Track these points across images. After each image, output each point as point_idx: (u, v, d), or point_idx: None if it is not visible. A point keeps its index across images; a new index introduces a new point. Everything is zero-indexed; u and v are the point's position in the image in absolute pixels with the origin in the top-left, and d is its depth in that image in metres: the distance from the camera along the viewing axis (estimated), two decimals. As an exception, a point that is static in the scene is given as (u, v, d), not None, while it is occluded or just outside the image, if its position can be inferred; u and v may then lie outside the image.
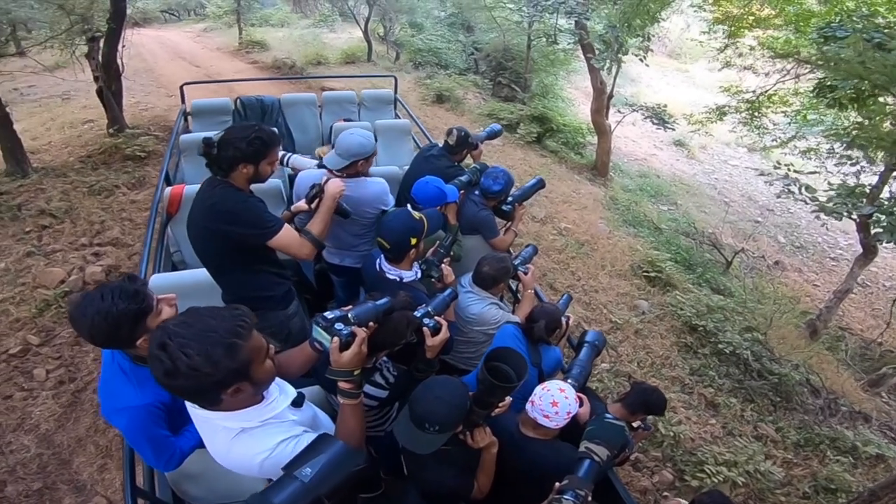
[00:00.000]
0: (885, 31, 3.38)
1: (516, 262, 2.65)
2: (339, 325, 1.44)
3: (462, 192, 2.79)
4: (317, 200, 2.21)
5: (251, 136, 1.93)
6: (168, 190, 3.00)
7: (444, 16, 13.09)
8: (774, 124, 7.97)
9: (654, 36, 7.94)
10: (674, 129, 9.07)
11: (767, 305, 6.46)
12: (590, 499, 1.42)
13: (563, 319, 2.37)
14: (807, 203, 6.37)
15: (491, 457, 1.74)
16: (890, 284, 8.49)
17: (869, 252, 5.79)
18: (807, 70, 6.18)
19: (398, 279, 2.14)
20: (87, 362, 3.61)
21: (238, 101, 4.51)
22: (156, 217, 2.97)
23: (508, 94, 10.95)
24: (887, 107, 4.52)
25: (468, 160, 3.22)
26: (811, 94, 5.79)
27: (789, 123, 7.85)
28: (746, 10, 6.26)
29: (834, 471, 3.87)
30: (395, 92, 5.12)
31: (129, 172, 5.84)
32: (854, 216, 5.56)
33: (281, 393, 1.31)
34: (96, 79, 6.43)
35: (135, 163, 6.05)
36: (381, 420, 2.03)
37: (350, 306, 1.54)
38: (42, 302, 3.93)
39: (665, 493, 3.50)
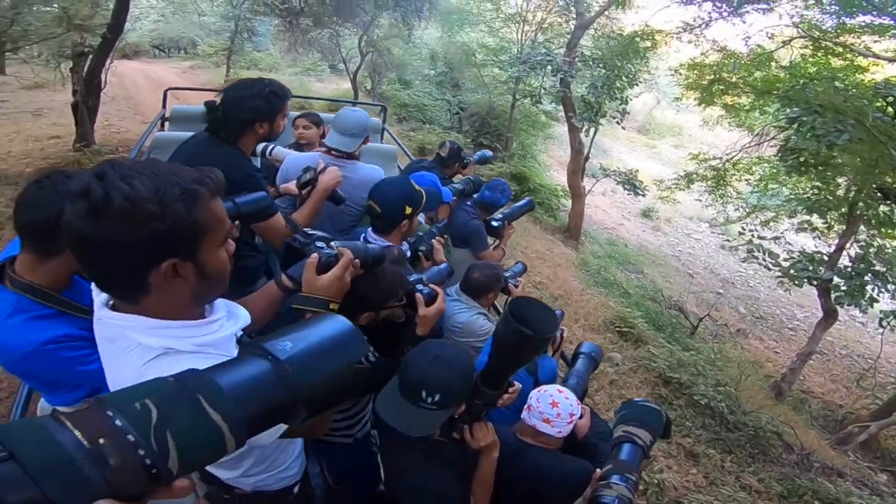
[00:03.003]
0: (844, 92, 3.73)
1: (507, 274, 2.54)
2: (320, 244, 1.20)
3: (455, 198, 2.72)
4: (309, 187, 2.01)
5: (266, 92, 1.79)
6: None
7: (434, 74, 13.71)
8: (738, 193, 8.46)
9: (631, 99, 8.51)
10: (644, 196, 9.51)
11: (732, 368, 6.54)
12: (639, 487, 1.17)
13: (558, 332, 2.25)
14: (769, 269, 6.67)
15: (491, 463, 1.44)
16: (846, 352, 8.80)
17: (829, 316, 6.01)
18: (770, 136, 6.68)
19: None
20: None
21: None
22: None
23: (490, 153, 11.34)
24: (842, 170, 4.87)
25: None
26: (775, 158, 6.20)
27: (752, 192, 8.35)
28: (716, 76, 6.80)
29: (825, 521, 3.73)
30: (384, 122, 5.13)
31: (86, 186, 5.62)
32: (815, 282, 5.83)
33: (230, 318, 0.93)
34: (75, 92, 6.31)
35: (95, 178, 5.84)
36: (349, 420, 1.60)
37: None
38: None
39: None
